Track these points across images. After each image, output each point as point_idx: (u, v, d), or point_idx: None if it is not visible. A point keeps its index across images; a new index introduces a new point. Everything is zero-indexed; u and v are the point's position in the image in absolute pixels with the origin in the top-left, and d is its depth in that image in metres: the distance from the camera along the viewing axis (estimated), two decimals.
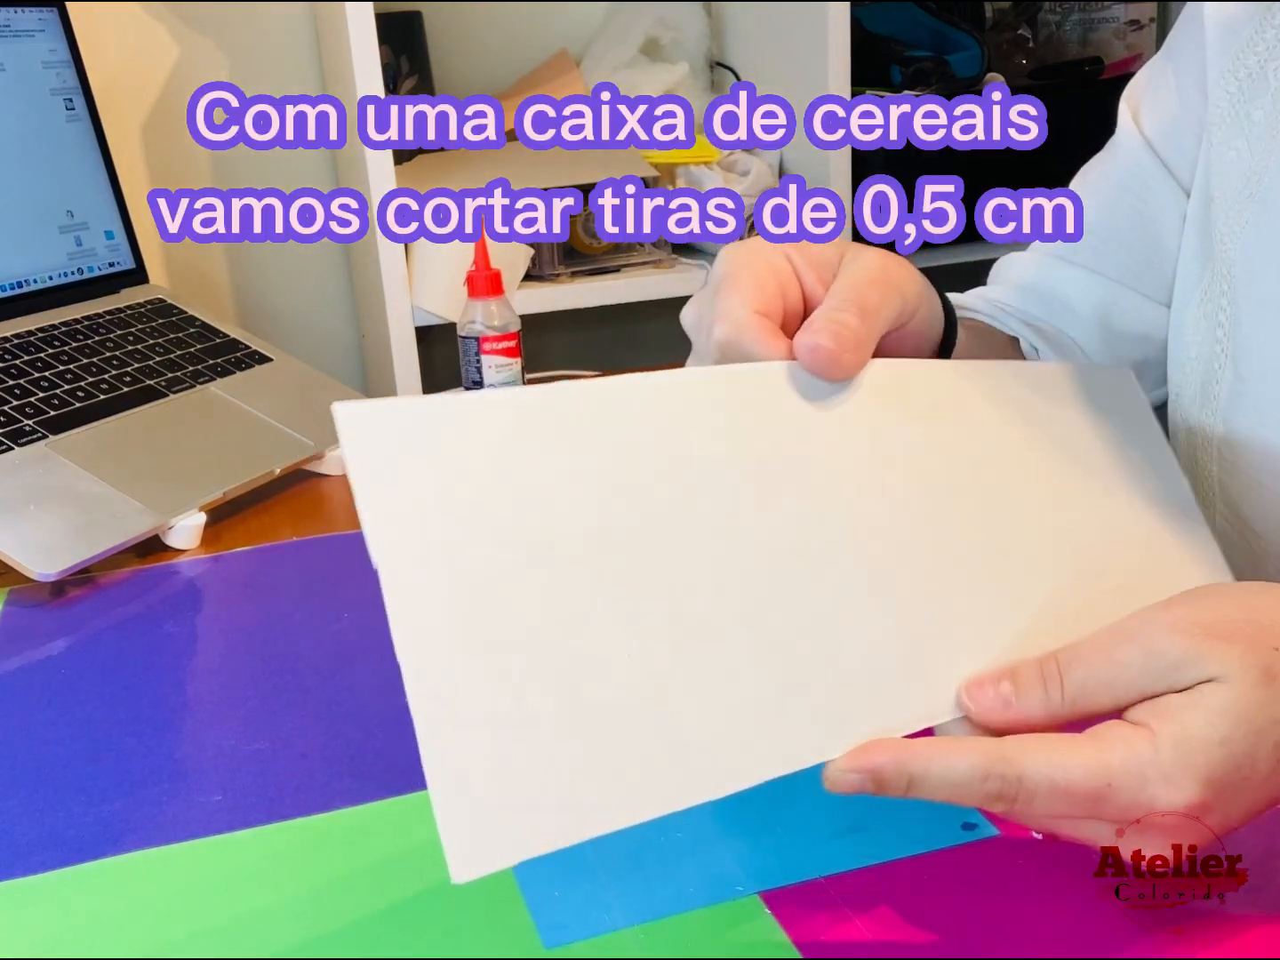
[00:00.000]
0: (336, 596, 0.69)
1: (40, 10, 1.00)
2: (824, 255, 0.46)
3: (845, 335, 0.40)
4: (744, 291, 0.43)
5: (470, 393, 0.34)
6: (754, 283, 0.43)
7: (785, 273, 0.45)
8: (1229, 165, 0.58)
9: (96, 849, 0.47)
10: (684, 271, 1.23)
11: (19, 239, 0.96)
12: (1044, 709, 0.37)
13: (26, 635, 0.67)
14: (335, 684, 0.58)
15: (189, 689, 0.60)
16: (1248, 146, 0.57)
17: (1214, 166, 0.59)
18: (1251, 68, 0.57)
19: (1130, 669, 0.36)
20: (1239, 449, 0.58)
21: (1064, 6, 1.49)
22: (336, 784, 0.50)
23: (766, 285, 0.43)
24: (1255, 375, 0.56)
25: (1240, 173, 0.57)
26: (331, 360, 1.40)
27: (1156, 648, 0.36)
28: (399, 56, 1.26)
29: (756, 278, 0.43)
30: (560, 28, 1.40)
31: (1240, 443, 0.58)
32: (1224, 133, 0.58)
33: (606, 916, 0.41)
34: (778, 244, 0.45)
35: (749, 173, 1.27)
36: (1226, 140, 0.58)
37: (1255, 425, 0.57)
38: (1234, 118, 0.58)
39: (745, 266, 0.44)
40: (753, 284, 0.43)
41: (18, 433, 0.79)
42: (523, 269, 1.19)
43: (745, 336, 0.42)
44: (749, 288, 0.43)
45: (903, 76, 1.27)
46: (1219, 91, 0.59)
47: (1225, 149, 0.58)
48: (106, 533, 0.73)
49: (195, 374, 0.93)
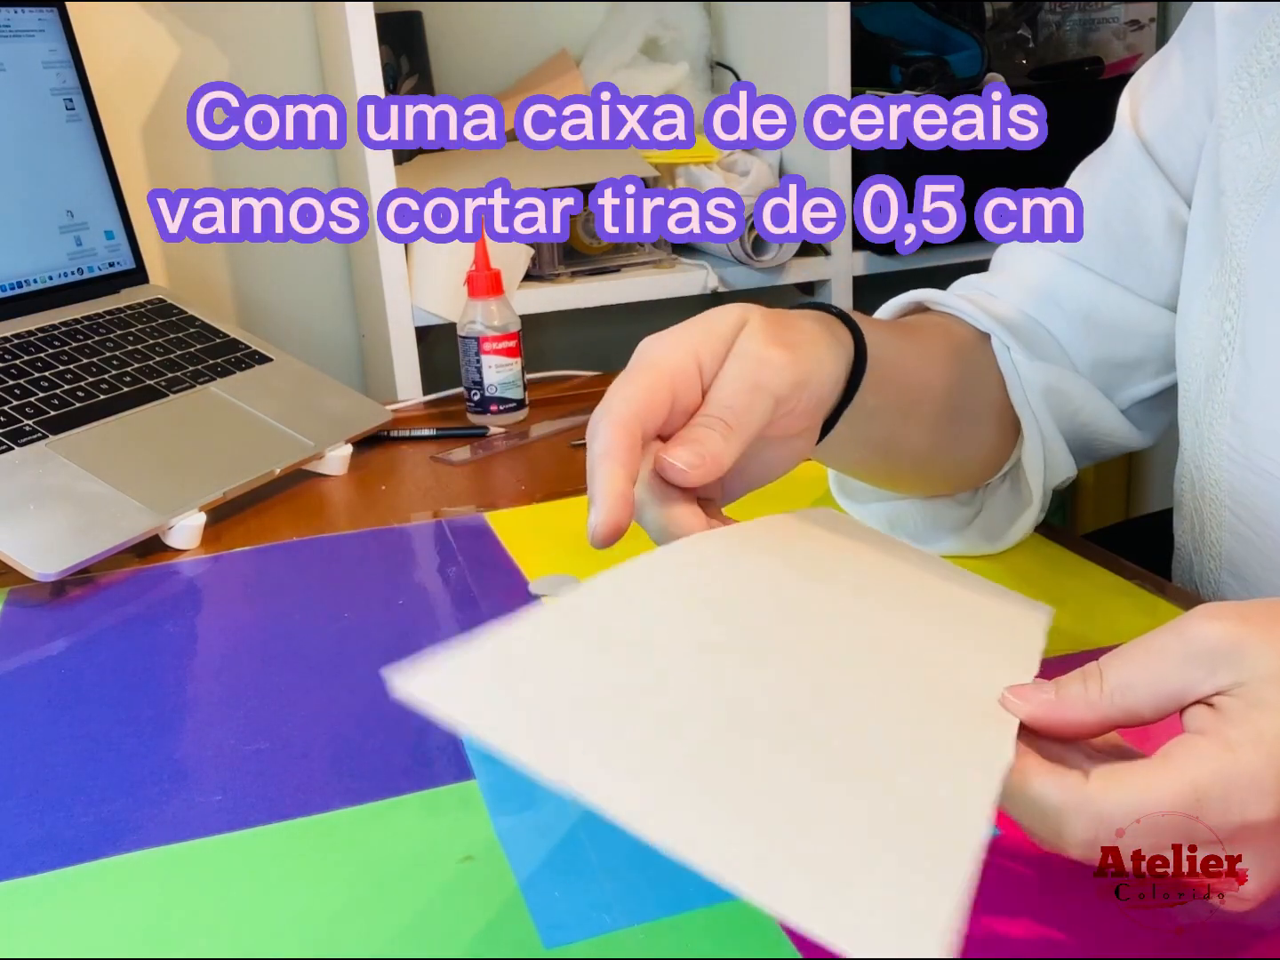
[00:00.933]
0: (336, 596, 0.69)
1: (40, 10, 1.00)
2: (724, 340, 0.48)
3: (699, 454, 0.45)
4: (634, 386, 0.46)
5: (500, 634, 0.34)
6: (648, 382, 0.46)
7: (687, 375, 0.47)
8: (1241, 160, 0.58)
9: (96, 849, 0.47)
10: (684, 271, 1.23)
11: (19, 239, 0.96)
12: (1085, 704, 0.36)
13: (26, 635, 0.67)
14: (335, 684, 0.58)
15: (189, 689, 0.60)
16: (1260, 141, 0.57)
17: (1224, 162, 0.59)
18: (1265, 64, 0.58)
19: (1169, 657, 0.36)
20: (1247, 438, 0.58)
21: (1064, 6, 1.49)
22: (336, 784, 0.50)
23: (659, 389, 0.46)
24: (1264, 365, 0.57)
25: (1252, 167, 0.58)
26: (331, 360, 1.40)
27: (1195, 634, 0.36)
28: (399, 56, 1.26)
29: (654, 378, 0.46)
30: (560, 28, 1.40)
31: (1249, 433, 0.58)
32: (1236, 128, 0.59)
33: (606, 916, 0.41)
34: (686, 338, 0.47)
35: (749, 173, 1.27)
36: (1239, 135, 0.58)
37: (1264, 415, 0.57)
38: (1246, 114, 0.58)
39: (649, 365, 0.47)
40: (646, 383, 0.46)
41: (18, 433, 0.79)
42: (523, 269, 1.19)
43: (603, 422, 0.45)
44: (641, 387, 0.46)
45: (903, 76, 1.27)
46: (1231, 88, 0.59)
47: (1237, 144, 0.58)
48: (106, 533, 0.73)
49: (195, 374, 0.93)
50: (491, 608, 0.66)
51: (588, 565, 0.69)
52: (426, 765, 0.52)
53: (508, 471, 0.92)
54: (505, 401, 1.00)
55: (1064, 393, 0.65)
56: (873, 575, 0.49)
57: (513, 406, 1.00)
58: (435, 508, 0.83)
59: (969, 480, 0.68)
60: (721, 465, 0.45)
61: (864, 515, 0.70)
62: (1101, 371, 0.67)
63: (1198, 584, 0.66)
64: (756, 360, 0.47)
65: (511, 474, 0.91)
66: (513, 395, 1.00)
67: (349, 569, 0.73)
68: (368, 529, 0.79)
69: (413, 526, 0.80)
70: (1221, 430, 0.60)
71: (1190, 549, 0.66)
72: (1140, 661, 0.36)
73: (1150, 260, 0.65)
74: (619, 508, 0.43)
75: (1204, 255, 0.61)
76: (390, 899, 0.43)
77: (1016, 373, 0.65)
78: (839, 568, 0.48)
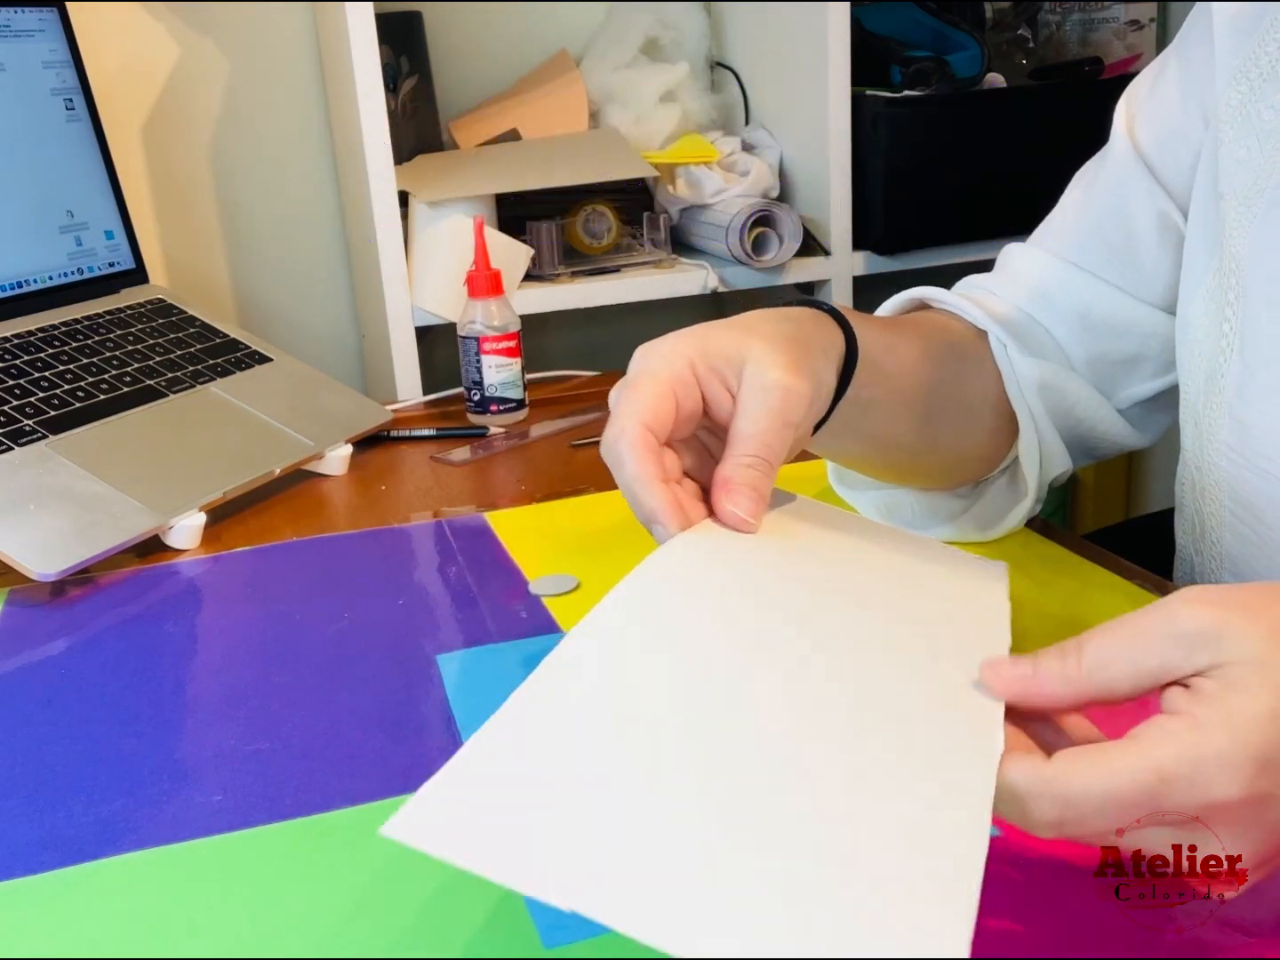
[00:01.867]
0: (336, 596, 0.69)
1: (40, 10, 1.00)
2: (726, 357, 0.49)
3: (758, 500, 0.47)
4: (640, 401, 0.46)
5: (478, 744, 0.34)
6: (653, 392, 0.47)
7: (686, 382, 0.48)
8: (1239, 164, 0.59)
9: (96, 849, 0.47)
10: (684, 271, 1.23)
11: (19, 239, 0.96)
12: (1062, 679, 0.36)
13: (26, 635, 0.67)
14: (335, 684, 0.58)
15: (189, 689, 0.60)
16: (1258, 144, 0.58)
17: (1223, 166, 0.60)
18: (1264, 68, 0.58)
19: (1149, 636, 0.36)
20: (1246, 438, 0.58)
21: (1064, 6, 1.49)
22: (336, 784, 0.50)
23: (664, 397, 0.47)
24: (1262, 366, 0.57)
25: (1250, 170, 0.58)
26: (331, 360, 1.40)
27: (1177, 615, 0.36)
28: (399, 56, 1.26)
29: (657, 387, 0.47)
30: (560, 28, 1.40)
31: (1248, 433, 0.58)
32: (1235, 132, 0.59)
33: None
34: (682, 347, 0.48)
35: (749, 173, 1.27)
36: (1237, 139, 0.59)
37: (1262, 415, 0.57)
38: (1245, 117, 0.59)
39: (649, 375, 0.47)
40: (651, 394, 0.47)
41: (18, 433, 0.79)
42: (523, 269, 1.19)
43: (623, 444, 0.46)
44: (646, 398, 0.47)
45: (903, 76, 1.27)
46: (1230, 93, 0.60)
47: (1236, 147, 0.59)
48: (106, 533, 0.73)
49: (195, 374, 0.93)
50: (491, 608, 0.66)
51: (588, 565, 0.70)
52: (426, 765, 0.52)
53: (508, 471, 0.92)
54: (505, 401, 1.00)
55: (1059, 389, 0.66)
56: (838, 569, 0.50)
57: (513, 406, 1.00)
58: (435, 508, 0.83)
59: (968, 474, 0.69)
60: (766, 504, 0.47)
61: (861, 503, 0.72)
62: (1098, 370, 0.68)
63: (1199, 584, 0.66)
64: (783, 392, 0.48)
65: (511, 474, 0.91)
66: (513, 395, 1.00)
67: (349, 569, 0.73)
68: (368, 529, 0.79)
69: (413, 526, 0.80)
70: (1221, 430, 0.60)
71: (1191, 549, 0.67)
72: (1121, 640, 0.36)
73: (1143, 263, 0.66)
74: (681, 518, 0.46)
75: (1202, 258, 0.62)
76: (390, 899, 0.43)
77: (1012, 369, 0.66)
78: (805, 569, 0.49)
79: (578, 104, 1.30)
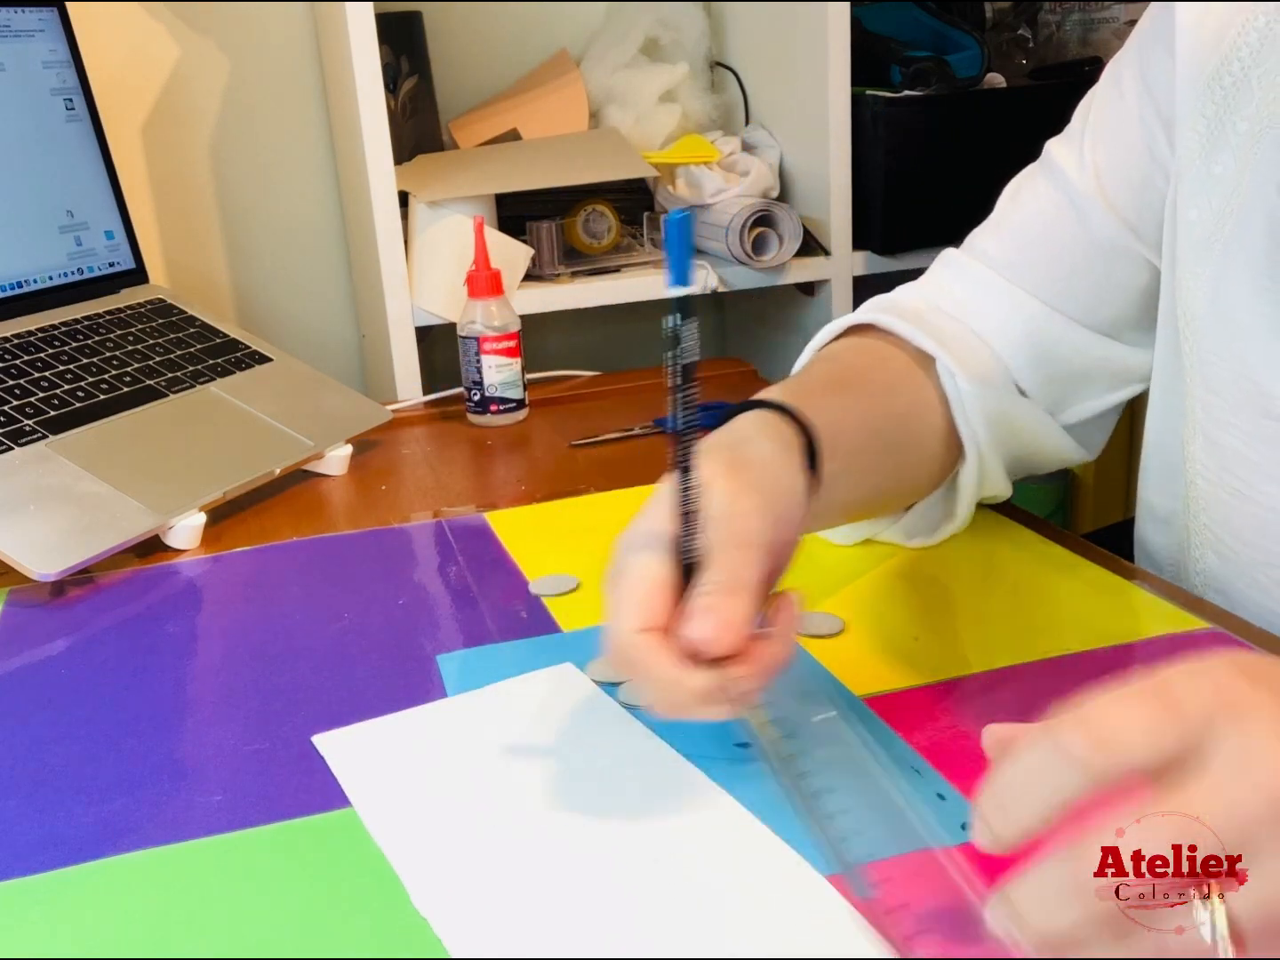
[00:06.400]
0: (336, 596, 0.69)
1: (40, 10, 1.00)
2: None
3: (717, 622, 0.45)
4: (629, 609, 0.45)
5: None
6: (641, 597, 0.45)
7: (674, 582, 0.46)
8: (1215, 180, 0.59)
9: (96, 849, 0.47)
10: None
11: (19, 239, 0.96)
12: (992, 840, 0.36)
13: (26, 635, 0.67)
14: (335, 684, 0.58)
15: (189, 689, 0.60)
16: (1233, 159, 0.58)
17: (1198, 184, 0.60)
18: (1227, 87, 0.58)
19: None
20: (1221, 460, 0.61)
21: (1064, 6, 1.49)
22: (336, 784, 0.50)
23: (652, 598, 0.45)
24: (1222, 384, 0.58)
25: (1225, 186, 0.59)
26: (331, 360, 1.40)
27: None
28: (399, 56, 1.26)
29: (643, 592, 0.45)
30: (560, 28, 1.40)
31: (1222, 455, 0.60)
32: (1188, 189, 0.60)
33: None
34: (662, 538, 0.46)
35: (749, 173, 1.27)
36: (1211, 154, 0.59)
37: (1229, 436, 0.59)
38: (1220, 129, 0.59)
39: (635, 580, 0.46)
40: (639, 599, 0.45)
41: (18, 433, 0.79)
42: (523, 269, 1.19)
43: (635, 654, 0.45)
44: (634, 604, 0.45)
45: (903, 76, 1.26)
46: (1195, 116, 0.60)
47: (1212, 164, 0.59)
48: (106, 533, 0.73)
49: (195, 374, 0.93)
50: (491, 608, 0.66)
51: (588, 565, 0.70)
52: None
53: (508, 471, 0.92)
54: (505, 401, 1.00)
55: (1006, 416, 0.66)
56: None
57: (513, 406, 1.00)
58: (435, 508, 0.83)
59: (915, 497, 0.69)
60: (739, 624, 0.45)
61: None
62: (1045, 388, 0.68)
63: None
64: (728, 517, 0.46)
65: (511, 474, 0.91)
66: (513, 395, 1.00)
67: (349, 569, 0.73)
68: (368, 529, 0.79)
69: (413, 526, 0.80)
70: (1196, 450, 0.61)
71: (1178, 566, 0.67)
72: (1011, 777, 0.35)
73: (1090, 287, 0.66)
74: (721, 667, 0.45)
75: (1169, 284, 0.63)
76: (390, 899, 0.43)
77: (961, 400, 0.65)
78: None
79: (578, 104, 1.30)
